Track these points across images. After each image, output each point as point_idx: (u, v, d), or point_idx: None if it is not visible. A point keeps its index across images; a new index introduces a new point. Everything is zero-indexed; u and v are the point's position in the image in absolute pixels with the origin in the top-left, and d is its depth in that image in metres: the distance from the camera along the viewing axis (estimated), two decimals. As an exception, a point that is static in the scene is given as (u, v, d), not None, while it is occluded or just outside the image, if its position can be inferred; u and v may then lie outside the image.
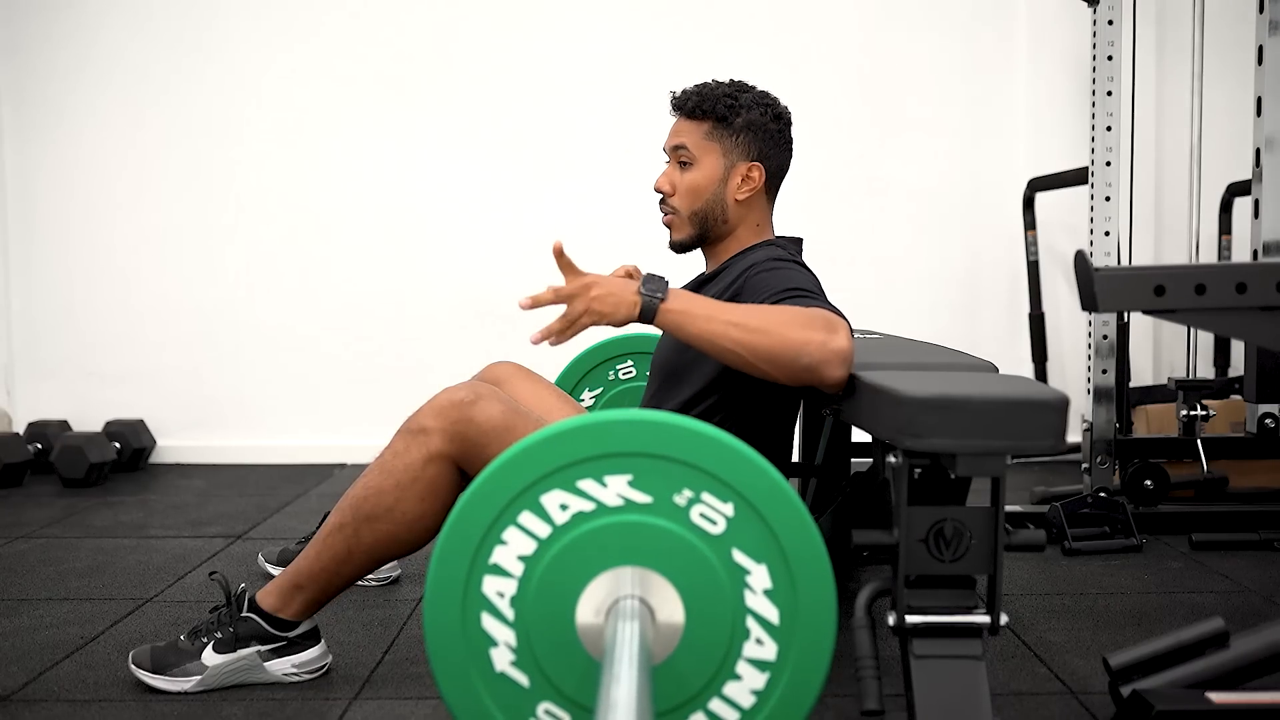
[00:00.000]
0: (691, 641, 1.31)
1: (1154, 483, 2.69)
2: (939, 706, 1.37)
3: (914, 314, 3.63)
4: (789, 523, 1.30)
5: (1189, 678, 1.54)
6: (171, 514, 2.98)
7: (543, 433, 1.31)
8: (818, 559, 1.30)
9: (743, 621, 1.31)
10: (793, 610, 1.31)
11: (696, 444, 1.29)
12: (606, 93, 3.70)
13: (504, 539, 1.31)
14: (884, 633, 1.44)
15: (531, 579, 1.31)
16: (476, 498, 1.31)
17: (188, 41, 3.68)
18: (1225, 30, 3.32)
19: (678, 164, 1.91)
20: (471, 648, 1.32)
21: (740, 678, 1.32)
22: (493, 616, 1.32)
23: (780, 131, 1.91)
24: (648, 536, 1.30)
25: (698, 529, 1.30)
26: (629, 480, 1.30)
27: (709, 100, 1.88)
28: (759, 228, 1.94)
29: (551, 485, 1.30)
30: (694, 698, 1.32)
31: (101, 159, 3.70)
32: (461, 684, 1.32)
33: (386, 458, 1.65)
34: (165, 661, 1.72)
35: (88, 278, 3.73)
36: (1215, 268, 1.59)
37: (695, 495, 1.30)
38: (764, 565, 1.30)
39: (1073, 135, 3.56)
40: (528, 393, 2.08)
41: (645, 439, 1.29)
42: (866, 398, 1.49)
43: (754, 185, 1.89)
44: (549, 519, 1.31)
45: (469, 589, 1.31)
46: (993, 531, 1.38)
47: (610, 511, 1.30)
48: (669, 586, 1.30)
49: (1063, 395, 1.35)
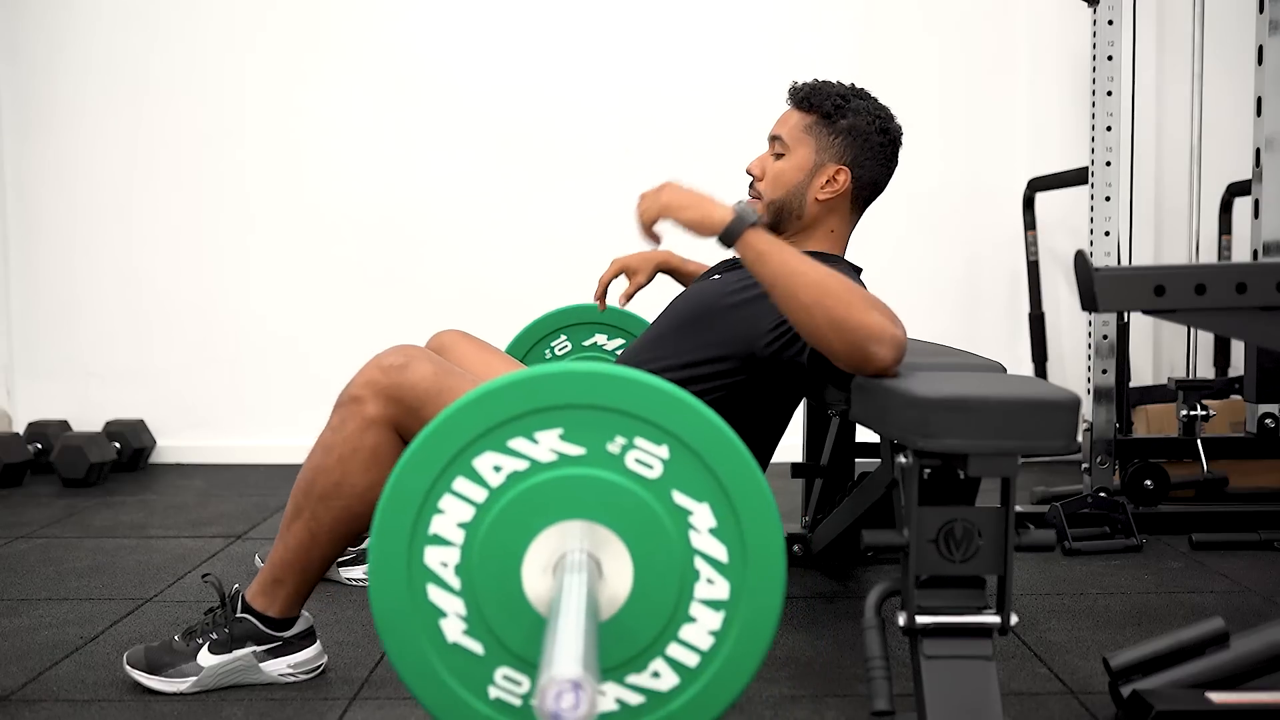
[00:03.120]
0: (642, 589, 1.29)
1: (1154, 483, 2.69)
2: (949, 707, 1.37)
3: (914, 314, 3.60)
4: (726, 459, 1.28)
5: (1189, 678, 1.54)
6: (171, 514, 2.98)
7: (466, 397, 1.28)
8: (759, 491, 1.28)
9: (691, 563, 1.29)
10: (740, 546, 1.29)
11: (624, 390, 1.27)
12: (604, 92, 3.70)
13: (441, 508, 1.29)
14: (894, 633, 1.44)
15: (474, 545, 1.29)
16: (408, 469, 1.28)
17: (189, 42, 3.67)
18: (1225, 30, 3.32)
19: (774, 154, 1.91)
20: (421, 621, 1.30)
21: (695, 620, 1.30)
22: (439, 587, 1.30)
23: (883, 146, 1.90)
24: (585, 488, 1.28)
25: (635, 475, 1.28)
26: (560, 434, 1.28)
27: (820, 94, 1.88)
28: (833, 235, 1.92)
29: (483, 448, 1.28)
30: (651, 645, 1.30)
31: (102, 159, 3.70)
32: (416, 659, 1.30)
33: (326, 435, 1.64)
34: (160, 662, 1.71)
35: (88, 278, 3.73)
36: (1215, 268, 1.59)
37: (629, 441, 1.28)
38: (706, 504, 1.28)
39: (1073, 135, 3.56)
40: (472, 357, 2.07)
41: (572, 390, 1.27)
42: (877, 397, 1.49)
43: (838, 189, 1.88)
44: (484, 482, 1.29)
45: (412, 562, 1.29)
46: (1003, 532, 1.38)
47: (545, 468, 1.28)
48: (613, 536, 1.28)
49: (1074, 395, 1.36)
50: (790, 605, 2.13)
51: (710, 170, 3.70)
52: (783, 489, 3.21)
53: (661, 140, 3.69)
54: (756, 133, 3.85)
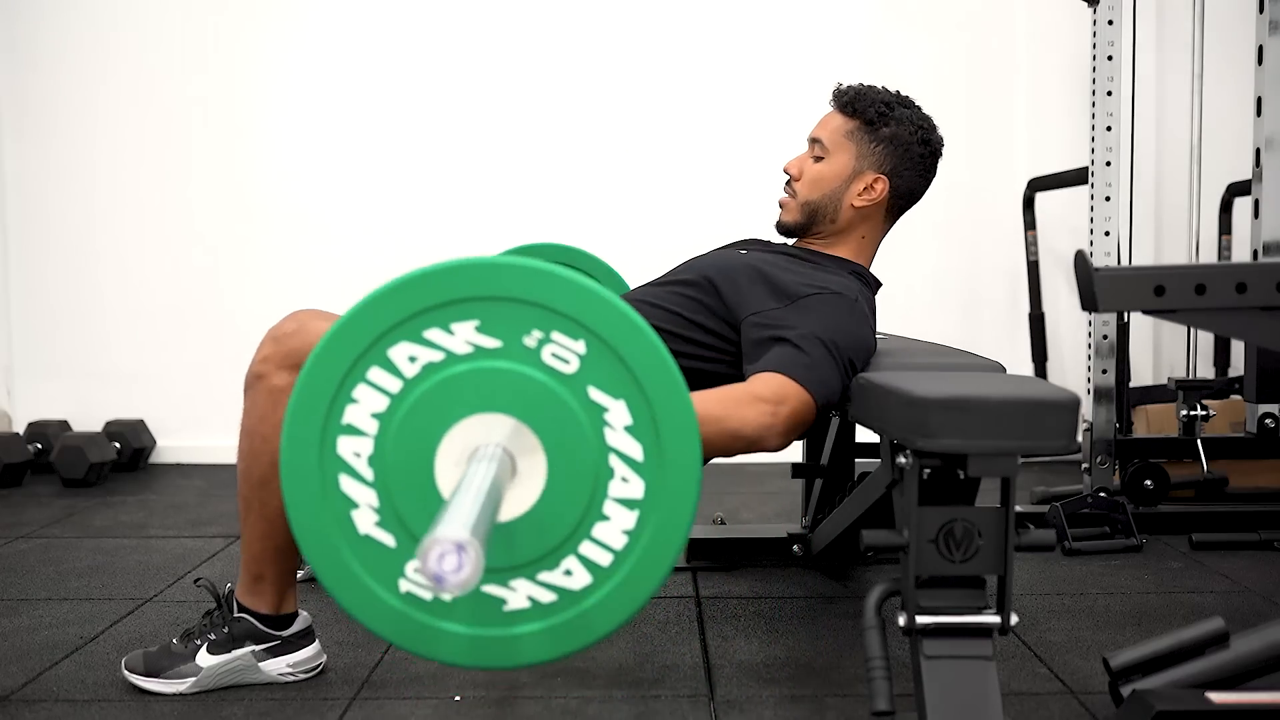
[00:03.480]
0: (555, 485, 1.27)
1: (1154, 483, 2.69)
2: (949, 707, 1.36)
3: (914, 314, 3.62)
4: (643, 356, 1.26)
5: (1189, 678, 1.53)
6: (171, 514, 2.98)
7: (382, 287, 1.27)
8: (676, 390, 1.26)
9: (605, 460, 1.27)
10: (656, 445, 1.27)
11: (542, 283, 1.25)
12: (604, 92, 3.70)
13: (355, 397, 1.27)
14: (894, 633, 1.44)
15: (387, 436, 1.27)
16: (322, 359, 1.27)
17: (189, 42, 3.67)
18: (1225, 30, 3.32)
19: (814, 156, 1.91)
20: (332, 512, 1.28)
21: (609, 518, 1.28)
22: (351, 478, 1.28)
23: (923, 158, 1.91)
24: (500, 381, 1.26)
25: (550, 369, 1.26)
26: (476, 326, 1.26)
27: (863, 100, 1.89)
28: (864, 242, 1.94)
29: (398, 338, 1.26)
30: (564, 542, 1.28)
31: (102, 159, 3.70)
32: (327, 551, 1.28)
33: (244, 422, 1.66)
34: (159, 665, 1.71)
35: (88, 278, 3.73)
36: (1215, 268, 1.59)
37: (545, 335, 1.25)
38: (622, 401, 1.26)
39: (1073, 135, 3.56)
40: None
41: (489, 282, 1.25)
42: (876, 398, 1.49)
43: (875, 197, 1.89)
44: (399, 373, 1.27)
45: (324, 452, 1.27)
46: (1003, 532, 1.38)
47: (460, 360, 1.26)
48: (527, 431, 1.26)
49: (1074, 395, 1.35)
50: (790, 605, 2.13)
51: (702, 168, 3.72)
52: (783, 489, 3.22)
53: (647, 140, 3.69)
54: (755, 132, 3.85)
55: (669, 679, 1.76)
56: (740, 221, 2.87)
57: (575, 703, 1.67)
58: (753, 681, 1.75)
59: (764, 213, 2.12)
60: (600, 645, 1.89)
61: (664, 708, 1.65)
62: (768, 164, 3.65)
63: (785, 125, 3.68)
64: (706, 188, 3.70)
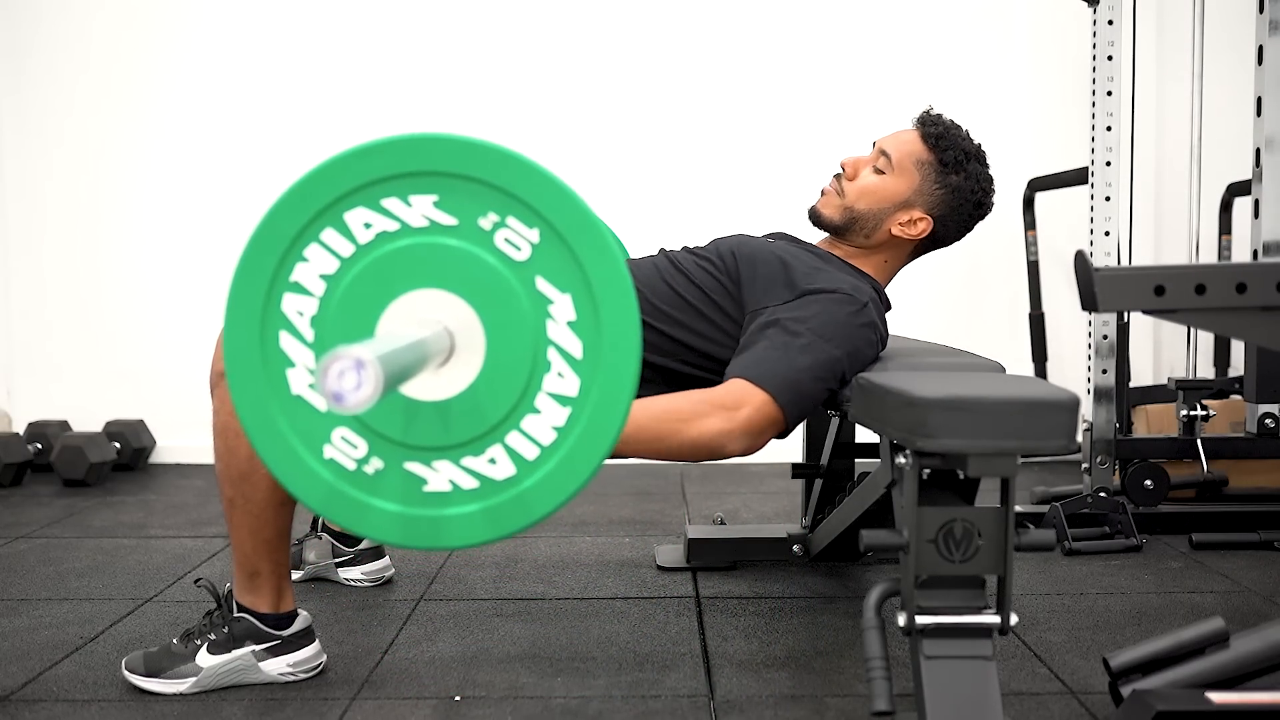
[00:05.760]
0: (491, 370, 1.25)
1: (1154, 483, 2.69)
2: (949, 707, 1.36)
3: (914, 314, 3.62)
4: (595, 253, 1.24)
5: (1189, 678, 1.53)
6: (171, 514, 2.98)
7: (345, 151, 1.27)
8: (623, 293, 1.25)
9: (544, 353, 1.25)
10: (596, 344, 1.25)
11: (504, 166, 1.24)
12: (602, 91, 3.70)
13: (306, 256, 1.26)
14: (894, 633, 1.44)
15: (332, 299, 1.26)
16: (277, 214, 1.26)
17: (189, 42, 3.68)
18: (1225, 30, 3.32)
19: (875, 167, 1.91)
20: (269, 368, 1.27)
21: (540, 411, 1.26)
22: (292, 336, 1.27)
23: (971, 216, 1.93)
24: (451, 259, 1.25)
25: (502, 254, 1.25)
26: (434, 201, 1.25)
27: (947, 140, 1.89)
28: (885, 266, 1.96)
29: (355, 203, 1.26)
30: (491, 430, 1.26)
31: (102, 159, 3.70)
32: (258, 408, 1.27)
33: (215, 421, 1.69)
34: (159, 665, 1.71)
35: (88, 278, 3.73)
36: (1215, 268, 1.59)
37: (501, 219, 1.24)
38: (568, 295, 1.25)
39: (1073, 135, 3.55)
40: None
41: (451, 158, 1.24)
42: (876, 398, 1.49)
43: (914, 233, 1.91)
44: (352, 237, 1.26)
45: (269, 307, 1.26)
46: (1003, 532, 1.38)
47: (414, 232, 1.25)
48: (470, 311, 1.25)
49: (1074, 395, 1.36)
50: (790, 605, 2.13)
51: (698, 167, 3.72)
52: (783, 489, 3.22)
53: (654, 141, 3.69)
54: (751, 131, 3.85)
55: (669, 679, 1.76)
56: (758, 214, 2.87)
57: (575, 703, 1.67)
58: (752, 681, 1.75)
59: (783, 206, 2.10)
60: (601, 645, 1.90)
61: (664, 708, 1.65)
62: (778, 159, 3.67)
63: (785, 124, 3.69)
64: (723, 180, 3.70)
